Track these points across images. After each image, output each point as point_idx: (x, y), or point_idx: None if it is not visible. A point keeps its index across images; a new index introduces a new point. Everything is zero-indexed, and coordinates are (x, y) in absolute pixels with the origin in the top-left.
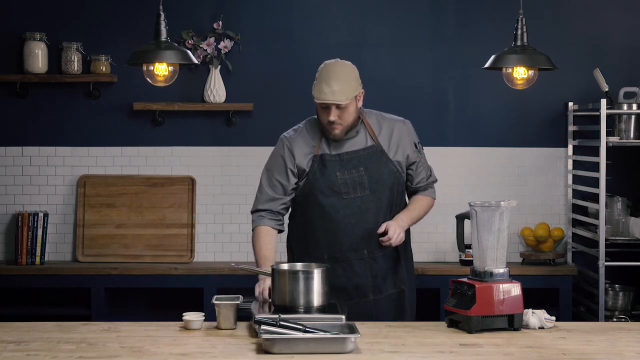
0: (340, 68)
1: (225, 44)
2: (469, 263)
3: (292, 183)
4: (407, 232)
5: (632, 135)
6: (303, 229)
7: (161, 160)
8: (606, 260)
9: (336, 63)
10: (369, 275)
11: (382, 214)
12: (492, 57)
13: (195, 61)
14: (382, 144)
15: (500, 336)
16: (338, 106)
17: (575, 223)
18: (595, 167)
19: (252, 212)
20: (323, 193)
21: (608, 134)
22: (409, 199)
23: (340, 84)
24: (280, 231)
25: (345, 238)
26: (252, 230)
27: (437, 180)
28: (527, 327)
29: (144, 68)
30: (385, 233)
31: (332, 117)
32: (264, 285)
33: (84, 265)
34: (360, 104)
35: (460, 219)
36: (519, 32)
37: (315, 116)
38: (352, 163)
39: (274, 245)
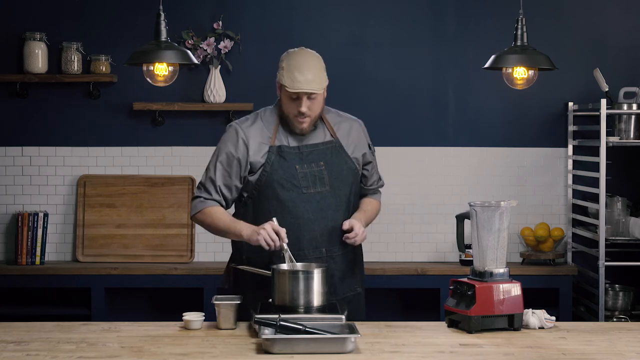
0: (310, 57)
1: (225, 44)
2: (469, 263)
3: (239, 182)
4: None
5: (632, 135)
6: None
7: (161, 160)
8: (606, 260)
9: (305, 52)
10: None
11: (341, 212)
12: (492, 57)
13: (195, 61)
14: (341, 140)
15: (500, 336)
16: (309, 97)
17: (575, 223)
18: (595, 167)
19: (193, 198)
20: (282, 186)
21: (608, 134)
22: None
23: (314, 73)
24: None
25: (304, 235)
26: (196, 214)
27: (384, 184)
28: (527, 327)
29: (144, 68)
30: (350, 230)
31: (304, 108)
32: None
33: (84, 265)
34: (325, 95)
35: (460, 219)
36: (519, 32)
37: (271, 107)
38: (312, 157)
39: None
